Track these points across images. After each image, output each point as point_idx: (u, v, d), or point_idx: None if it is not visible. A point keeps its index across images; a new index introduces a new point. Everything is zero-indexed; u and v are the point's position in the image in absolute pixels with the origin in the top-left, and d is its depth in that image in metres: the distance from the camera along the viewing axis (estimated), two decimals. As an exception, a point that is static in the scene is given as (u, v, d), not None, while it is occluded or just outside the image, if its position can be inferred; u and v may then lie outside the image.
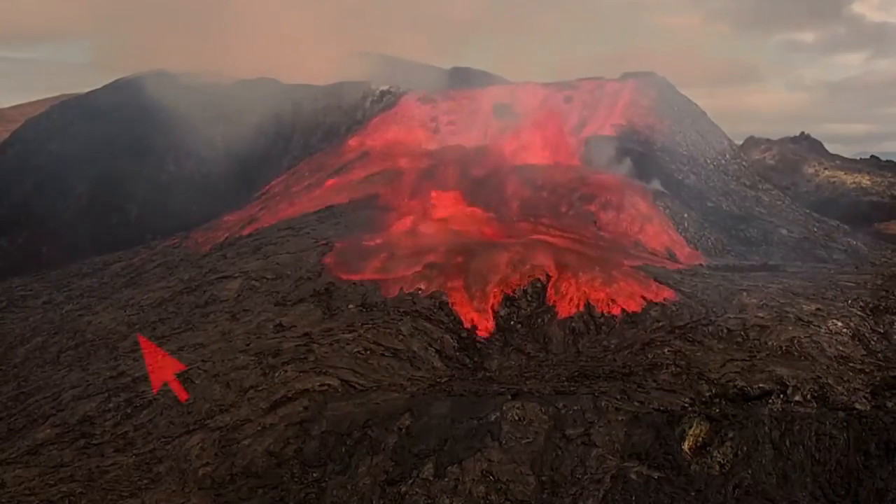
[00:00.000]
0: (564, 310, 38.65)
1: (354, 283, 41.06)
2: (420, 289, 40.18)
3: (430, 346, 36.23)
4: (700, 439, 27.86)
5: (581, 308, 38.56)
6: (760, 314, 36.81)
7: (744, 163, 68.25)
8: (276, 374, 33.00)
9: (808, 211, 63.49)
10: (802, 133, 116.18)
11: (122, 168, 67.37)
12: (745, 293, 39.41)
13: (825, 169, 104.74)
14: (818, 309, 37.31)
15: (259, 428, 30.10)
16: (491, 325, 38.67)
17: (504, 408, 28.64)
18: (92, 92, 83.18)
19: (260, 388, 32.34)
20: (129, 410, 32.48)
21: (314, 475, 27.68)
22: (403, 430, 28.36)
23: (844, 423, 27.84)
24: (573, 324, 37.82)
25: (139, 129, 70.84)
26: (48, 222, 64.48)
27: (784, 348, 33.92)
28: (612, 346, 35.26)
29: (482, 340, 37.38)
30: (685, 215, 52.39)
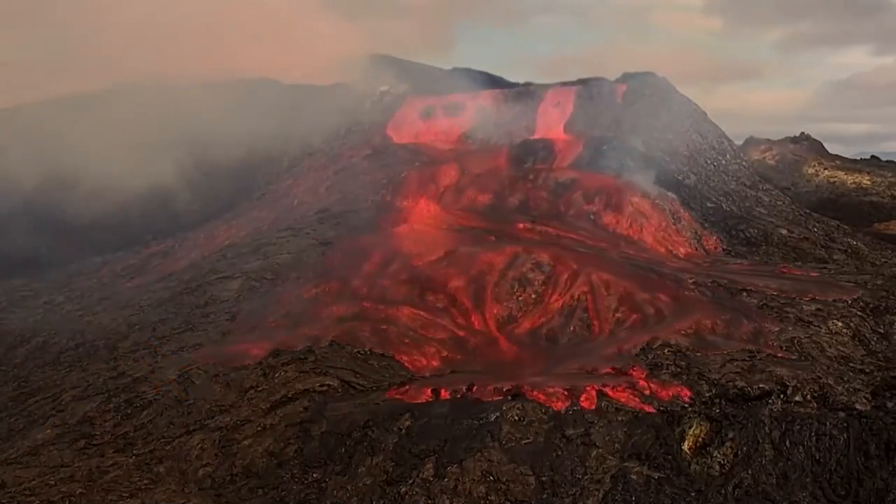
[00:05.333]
0: (564, 309, 38.67)
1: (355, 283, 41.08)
2: (420, 288, 40.17)
3: (431, 343, 36.23)
4: (700, 439, 27.88)
5: (581, 308, 38.57)
6: (760, 314, 36.83)
7: (744, 163, 68.24)
8: (276, 374, 33.00)
9: (808, 211, 63.46)
10: (802, 133, 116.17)
11: (122, 169, 67.33)
12: (744, 293, 39.44)
13: (825, 169, 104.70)
14: (818, 309, 37.33)
15: (259, 428, 30.11)
16: (492, 324, 38.69)
17: (504, 408, 28.64)
18: (92, 92, 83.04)
19: (260, 388, 32.35)
20: (129, 410, 32.47)
21: (314, 475, 27.68)
22: (403, 431, 28.36)
23: (844, 424, 27.85)
24: (574, 324, 37.84)
25: (139, 130, 70.79)
26: (48, 222, 64.41)
27: (784, 348, 33.95)
28: (613, 347, 35.21)
29: (483, 340, 37.38)
30: (685, 215, 52.37)
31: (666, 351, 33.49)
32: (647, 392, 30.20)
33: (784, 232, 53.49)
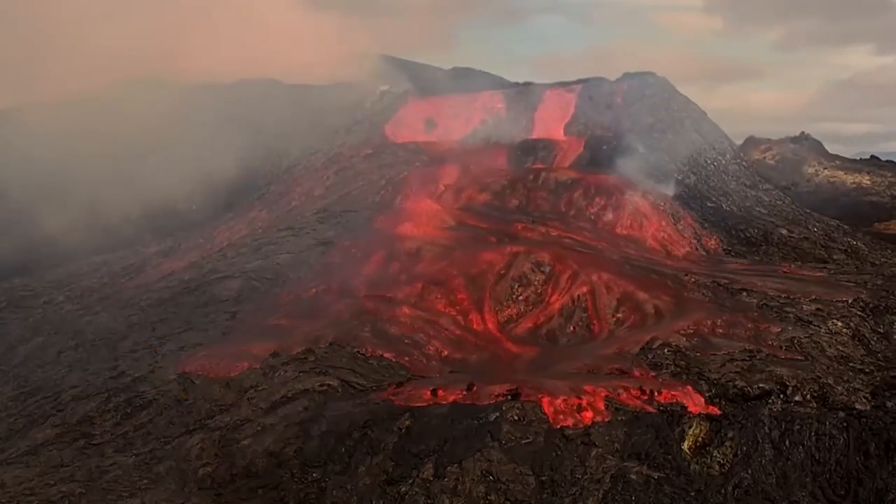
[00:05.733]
0: (564, 309, 38.68)
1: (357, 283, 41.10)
2: (420, 288, 40.17)
3: (431, 343, 36.24)
4: (700, 439, 27.88)
5: (581, 308, 38.58)
6: (760, 314, 36.83)
7: (744, 163, 68.20)
8: (276, 374, 33.01)
9: (808, 211, 63.44)
10: (802, 133, 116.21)
11: (123, 168, 67.30)
12: (744, 293, 39.43)
13: (825, 169, 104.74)
14: (818, 309, 37.33)
15: (259, 428, 30.11)
16: (492, 324, 38.69)
17: (504, 408, 28.65)
18: (94, 92, 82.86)
19: (260, 388, 32.36)
20: (129, 410, 32.49)
21: (314, 475, 27.69)
22: (403, 430, 28.36)
23: (844, 423, 27.86)
24: (574, 324, 37.86)
25: (140, 129, 70.73)
26: (49, 222, 64.39)
27: (784, 348, 33.94)
28: (613, 347, 35.20)
29: (483, 339, 37.38)
30: (685, 215, 52.37)
31: (666, 351, 33.49)
32: (647, 392, 30.17)
33: (784, 232, 53.48)
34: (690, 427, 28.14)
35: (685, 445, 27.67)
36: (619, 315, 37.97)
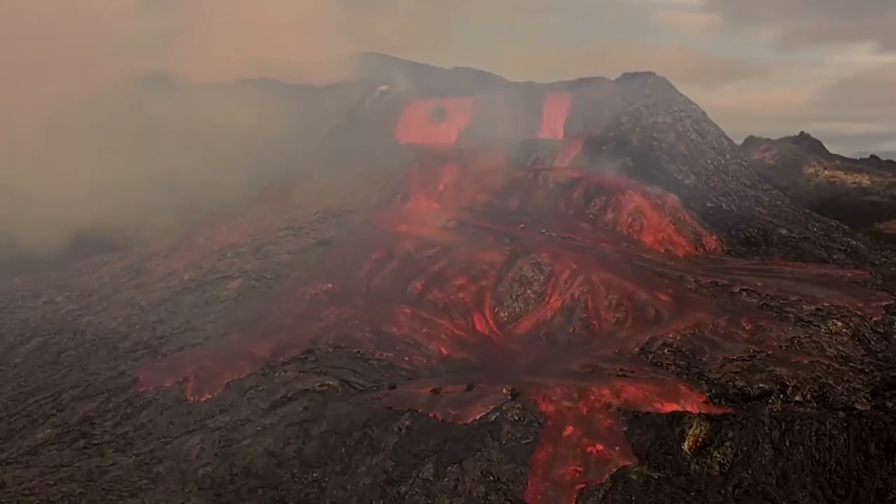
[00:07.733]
0: (564, 309, 38.68)
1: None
2: (420, 288, 40.17)
3: (431, 343, 36.24)
4: (700, 439, 27.89)
5: (581, 307, 38.57)
6: (760, 314, 36.84)
7: (744, 163, 68.15)
8: (276, 374, 33.01)
9: (808, 211, 63.40)
10: (802, 133, 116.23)
11: (122, 168, 67.28)
12: (744, 293, 39.43)
13: (825, 169, 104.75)
14: (818, 309, 37.33)
15: (259, 428, 30.12)
16: (492, 324, 38.69)
17: (504, 408, 28.65)
18: (94, 92, 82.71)
19: (260, 388, 32.36)
20: (129, 410, 32.49)
21: (314, 475, 27.70)
22: (403, 430, 28.38)
23: (844, 423, 27.87)
24: (574, 324, 37.87)
25: (140, 129, 70.69)
26: (48, 222, 64.35)
27: (784, 348, 33.94)
28: (613, 347, 35.19)
29: (483, 339, 37.38)
30: (685, 215, 52.34)
31: (666, 351, 33.51)
32: (648, 392, 30.18)
33: (784, 232, 53.43)
34: (690, 427, 28.14)
35: (685, 445, 27.68)
36: (619, 315, 37.95)
